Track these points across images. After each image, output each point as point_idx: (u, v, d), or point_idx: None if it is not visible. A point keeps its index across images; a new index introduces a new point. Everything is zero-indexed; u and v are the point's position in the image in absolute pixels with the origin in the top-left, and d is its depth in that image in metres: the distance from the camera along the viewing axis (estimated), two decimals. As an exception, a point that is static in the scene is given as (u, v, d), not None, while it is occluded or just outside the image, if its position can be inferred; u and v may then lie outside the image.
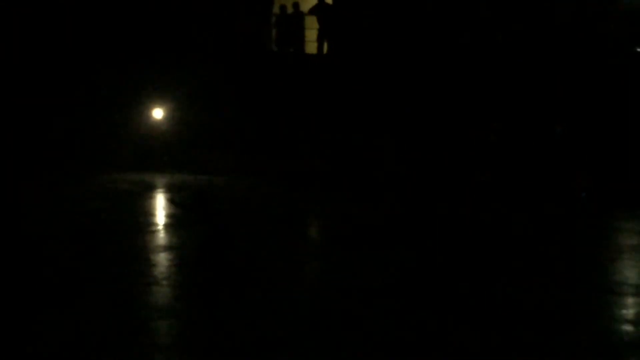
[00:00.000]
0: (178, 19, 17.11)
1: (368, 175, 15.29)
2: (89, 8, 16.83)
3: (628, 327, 6.33)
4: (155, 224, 10.35)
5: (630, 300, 7.11)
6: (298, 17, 17.97)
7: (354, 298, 6.82)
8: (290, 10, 18.02)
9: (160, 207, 12.05)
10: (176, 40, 16.91)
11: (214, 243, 7.70)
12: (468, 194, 13.65)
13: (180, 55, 16.75)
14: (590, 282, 7.82)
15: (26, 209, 11.37)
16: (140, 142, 16.73)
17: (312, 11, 17.91)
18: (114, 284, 7.18)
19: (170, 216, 10.91)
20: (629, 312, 6.77)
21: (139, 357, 5.40)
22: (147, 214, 11.28)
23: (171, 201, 10.03)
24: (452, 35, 16.30)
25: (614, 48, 15.38)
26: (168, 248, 8.75)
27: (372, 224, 10.63)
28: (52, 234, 9.52)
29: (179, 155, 16.50)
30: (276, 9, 18.18)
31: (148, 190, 13.48)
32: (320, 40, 17.85)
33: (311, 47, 18.13)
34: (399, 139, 16.04)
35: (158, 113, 17.10)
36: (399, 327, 6.06)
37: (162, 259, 8.24)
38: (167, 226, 10.14)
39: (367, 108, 16.41)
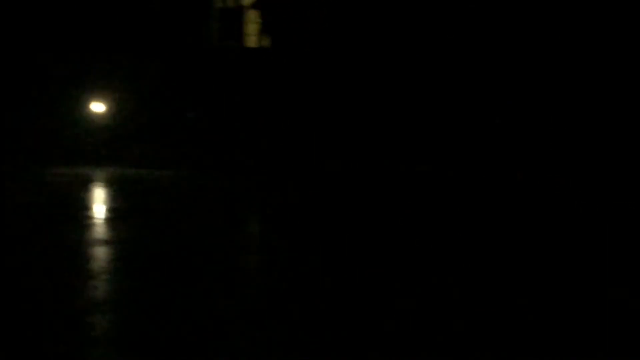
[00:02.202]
0: (117, 12, 16.87)
1: (309, 167, 15.26)
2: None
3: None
4: (93, 218, 10.14)
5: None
6: (239, 10, 17.87)
7: (305, 292, 6.72)
8: (231, 3, 17.91)
9: (98, 201, 11.83)
10: (116, 33, 16.67)
11: (154, 236, 7.56)
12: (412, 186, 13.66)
13: (121, 48, 16.52)
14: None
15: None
16: (79, 136, 16.47)
17: (254, 4, 17.81)
18: (49, 278, 6.97)
19: (108, 210, 10.74)
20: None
21: (75, 351, 5.23)
22: (84, 208, 11.07)
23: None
24: (406, 24, 16.32)
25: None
26: (106, 242, 8.55)
27: (314, 216, 10.58)
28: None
29: (119, 149, 16.28)
30: (218, 3, 18.05)
31: (85, 184, 13.25)
32: (262, 34, 17.76)
33: (253, 41, 18.04)
34: (340, 133, 16.03)
35: (98, 107, 16.82)
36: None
37: (100, 253, 8.04)
38: (106, 220, 9.94)
39: (311, 101, 16.39)
